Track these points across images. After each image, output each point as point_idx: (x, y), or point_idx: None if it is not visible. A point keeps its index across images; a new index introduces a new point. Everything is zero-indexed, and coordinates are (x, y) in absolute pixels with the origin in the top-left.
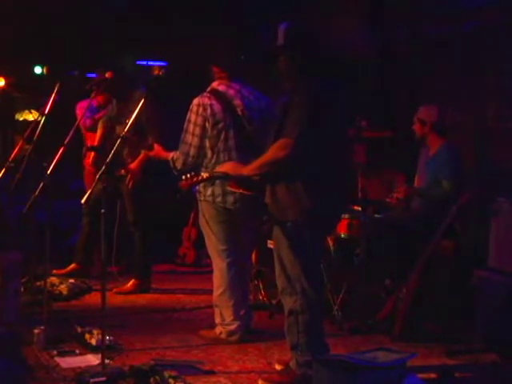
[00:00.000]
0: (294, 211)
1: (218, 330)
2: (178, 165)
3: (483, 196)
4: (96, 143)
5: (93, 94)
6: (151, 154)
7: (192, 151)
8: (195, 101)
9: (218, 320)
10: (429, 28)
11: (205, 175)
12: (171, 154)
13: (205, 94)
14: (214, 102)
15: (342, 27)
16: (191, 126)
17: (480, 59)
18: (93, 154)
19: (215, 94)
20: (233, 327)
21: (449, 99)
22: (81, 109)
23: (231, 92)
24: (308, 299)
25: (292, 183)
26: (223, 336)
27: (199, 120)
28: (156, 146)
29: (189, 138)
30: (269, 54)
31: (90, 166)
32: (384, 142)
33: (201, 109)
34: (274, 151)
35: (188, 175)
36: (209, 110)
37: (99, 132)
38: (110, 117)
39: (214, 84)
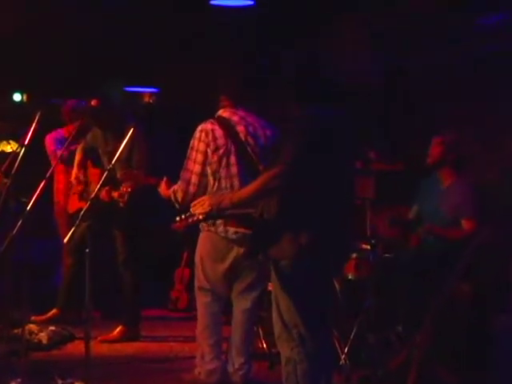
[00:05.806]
0: (290, 247)
1: (196, 370)
2: (179, 196)
3: (503, 233)
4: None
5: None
6: (159, 188)
7: (193, 178)
8: (199, 127)
9: (197, 359)
10: (440, 54)
11: (200, 216)
12: (171, 189)
13: (209, 120)
14: (216, 127)
15: (348, 55)
16: (193, 153)
17: (493, 85)
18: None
19: (218, 119)
20: (212, 366)
21: (463, 128)
22: (50, 139)
23: (235, 118)
24: (306, 347)
25: (289, 216)
26: (202, 377)
27: (201, 146)
28: (165, 180)
29: (191, 164)
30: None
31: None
32: (394, 175)
33: (203, 134)
34: (265, 179)
35: (182, 216)
36: (210, 135)
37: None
38: (86, 148)
39: (220, 111)
